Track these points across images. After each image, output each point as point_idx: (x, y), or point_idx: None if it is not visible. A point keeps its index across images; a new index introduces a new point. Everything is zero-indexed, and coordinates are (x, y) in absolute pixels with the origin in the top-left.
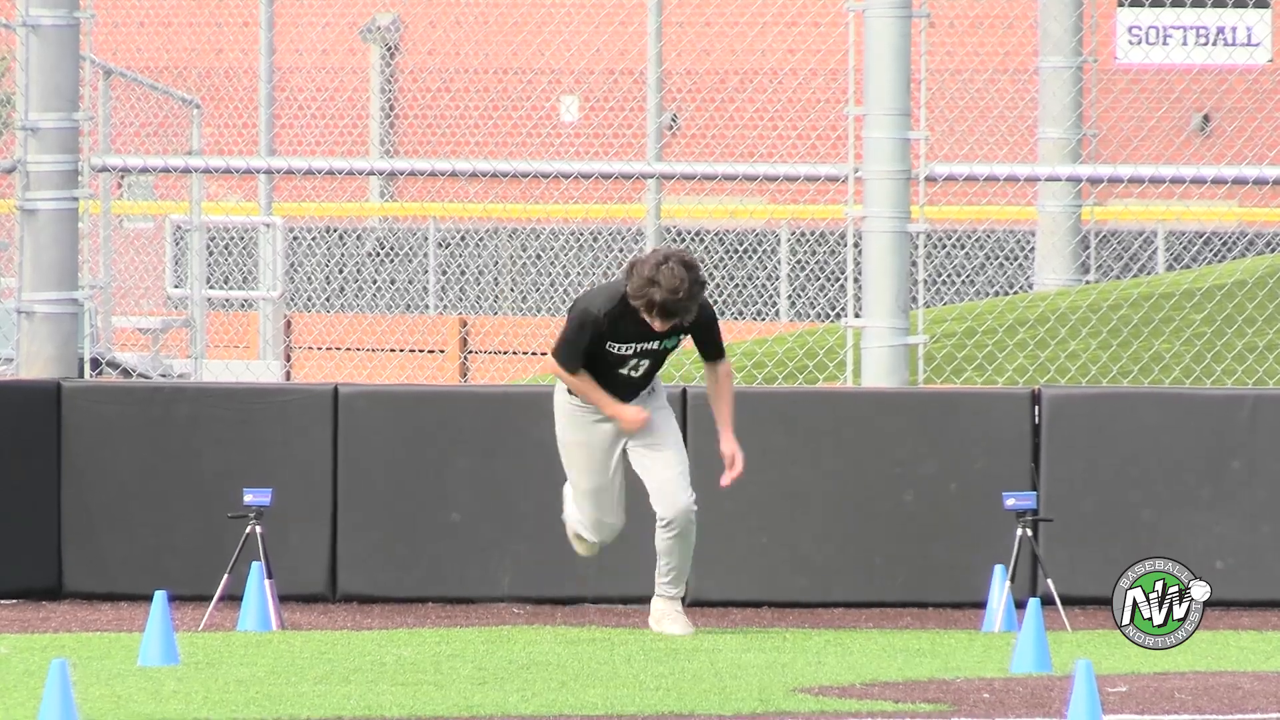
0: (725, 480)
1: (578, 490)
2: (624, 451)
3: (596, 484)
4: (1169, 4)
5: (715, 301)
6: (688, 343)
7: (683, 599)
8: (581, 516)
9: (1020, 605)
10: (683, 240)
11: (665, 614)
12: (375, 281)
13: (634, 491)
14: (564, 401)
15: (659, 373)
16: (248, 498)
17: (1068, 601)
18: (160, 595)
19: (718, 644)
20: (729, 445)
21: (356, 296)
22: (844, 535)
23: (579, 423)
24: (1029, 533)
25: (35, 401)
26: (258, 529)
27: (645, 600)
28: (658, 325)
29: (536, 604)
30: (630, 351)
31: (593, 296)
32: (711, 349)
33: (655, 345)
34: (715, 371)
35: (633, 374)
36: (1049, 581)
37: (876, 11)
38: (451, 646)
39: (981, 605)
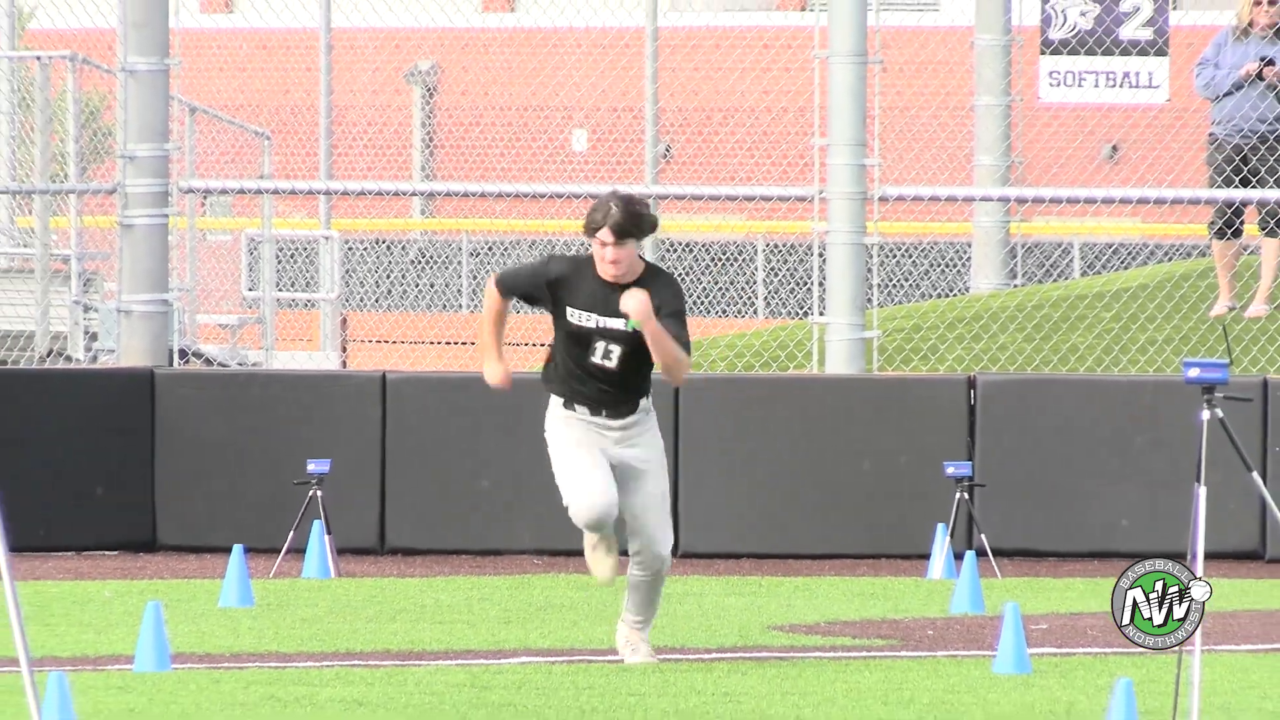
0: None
1: (571, 483)
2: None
3: (589, 459)
4: (1083, 52)
5: (703, 301)
6: None
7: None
8: (576, 508)
9: (958, 556)
10: (675, 250)
11: (633, 643)
12: (417, 285)
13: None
14: (555, 414)
15: (646, 386)
16: (310, 466)
17: (998, 553)
18: (238, 548)
19: (704, 589)
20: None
21: (401, 298)
22: (811, 498)
23: (571, 423)
24: (966, 496)
25: (133, 386)
26: (318, 493)
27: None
28: (609, 245)
29: (553, 555)
30: (591, 324)
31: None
32: (671, 333)
33: (621, 326)
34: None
35: (605, 363)
36: (982, 536)
37: (837, 59)
38: (481, 591)
39: (925, 557)
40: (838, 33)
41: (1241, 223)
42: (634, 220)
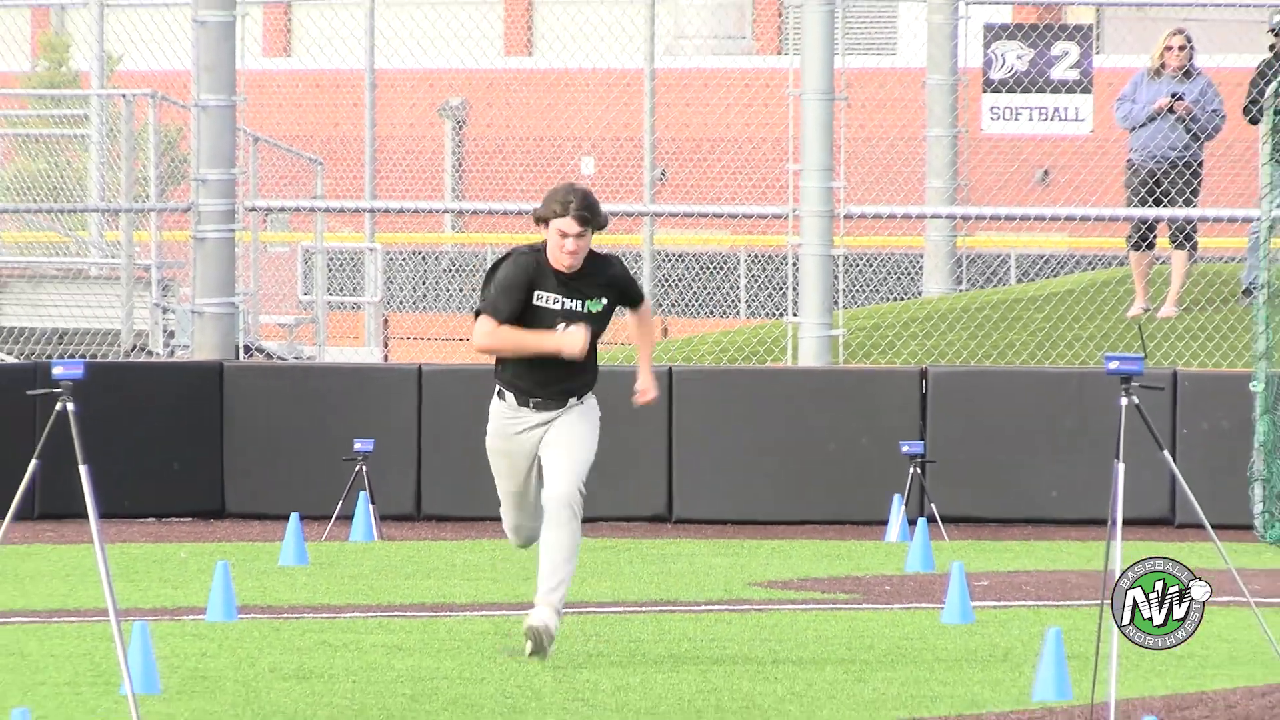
0: (636, 401)
1: (501, 494)
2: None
3: (515, 489)
4: (1019, 91)
5: (693, 304)
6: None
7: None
8: (505, 520)
9: (911, 523)
10: (669, 260)
11: (538, 600)
12: (449, 290)
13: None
14: (494, 414)
15: (591, 367)
16: (357, 445)
17: (946, 520)
18: (294, 516)
19: (695, 550)
20: (644, 380)
21: (435, 301)
22: (787, 473)
23: (503, 433)
24: (918, 471)
25: (205, 376)
26: (364, 468)
27: (641, 519)
28: (570, 236)
29: None
30: (557, 306)
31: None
32: (633, 299)
33: (579, 306)
34: (636, 314)
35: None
36: (932, 505)
37: (808, 96)
38: (503, 553)
39: (883, 523)
40: (809, 73)
41: (1154, 237)
42: (594, 210)
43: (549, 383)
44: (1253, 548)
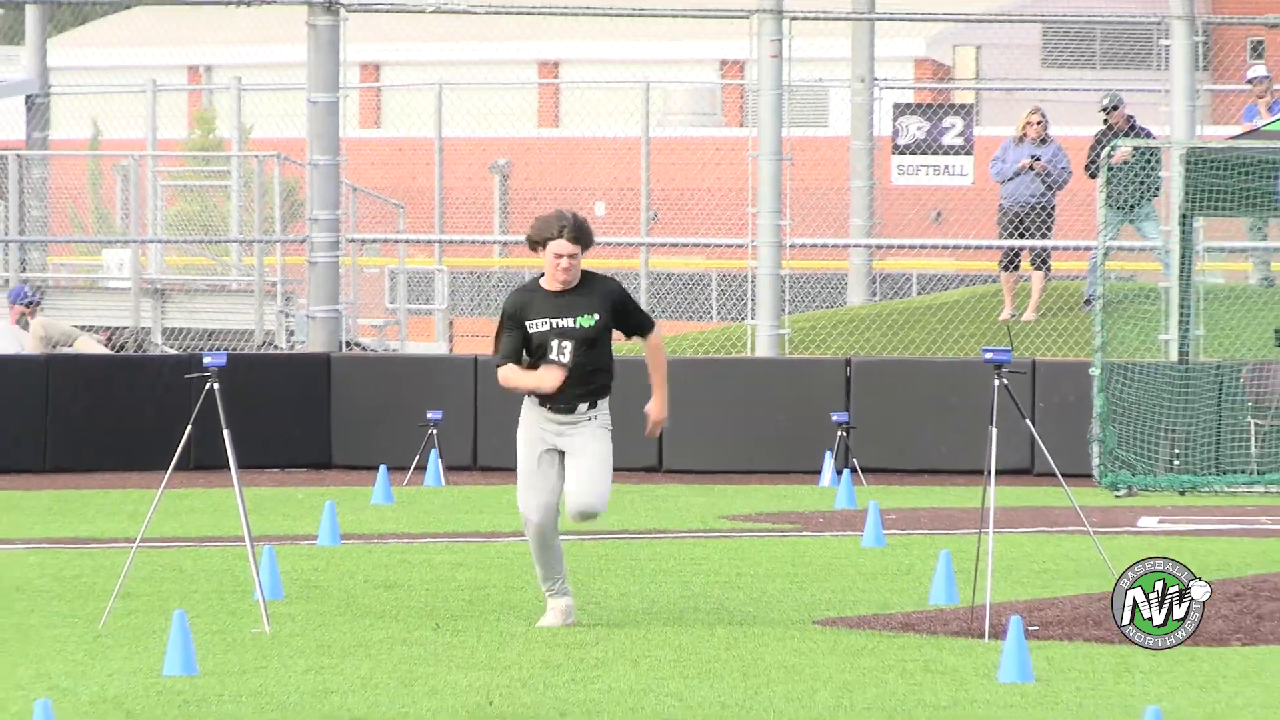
0: (648, 431)
1: (520, 474)
2: (562, 456)
3: (531, 468)
4: (919, 153)
5: (678, 310)
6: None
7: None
8: (520, 500)
9: (839, 472)
10: (661, 279)
11: (551, 606)
12: (497, 300)
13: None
14: (523, 411)
15: (601, 377)
16: (429, 414)
17: (864, 470)
18: (382, 467)
19: (679, 493)
20: (654, 409)
21: (487, 308)
22: (747, 436)
23: (529, 426)
24: (844, 434)
25: (316, 365)
26: (434, 432)
27: (639, 469)
28: (564, 260)
29: None
30: (547, 328)
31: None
32: (638, 326)
33: (571, 323)
34: (648, 345)
35: (561, 358)
36: (854, 460)
37: (763, 157)
38: None
39: (818, 472)
40: (763, 140)
41: (1019, 261)
42: (585, 231)
43: (562, 390)
44: (1091, 491)
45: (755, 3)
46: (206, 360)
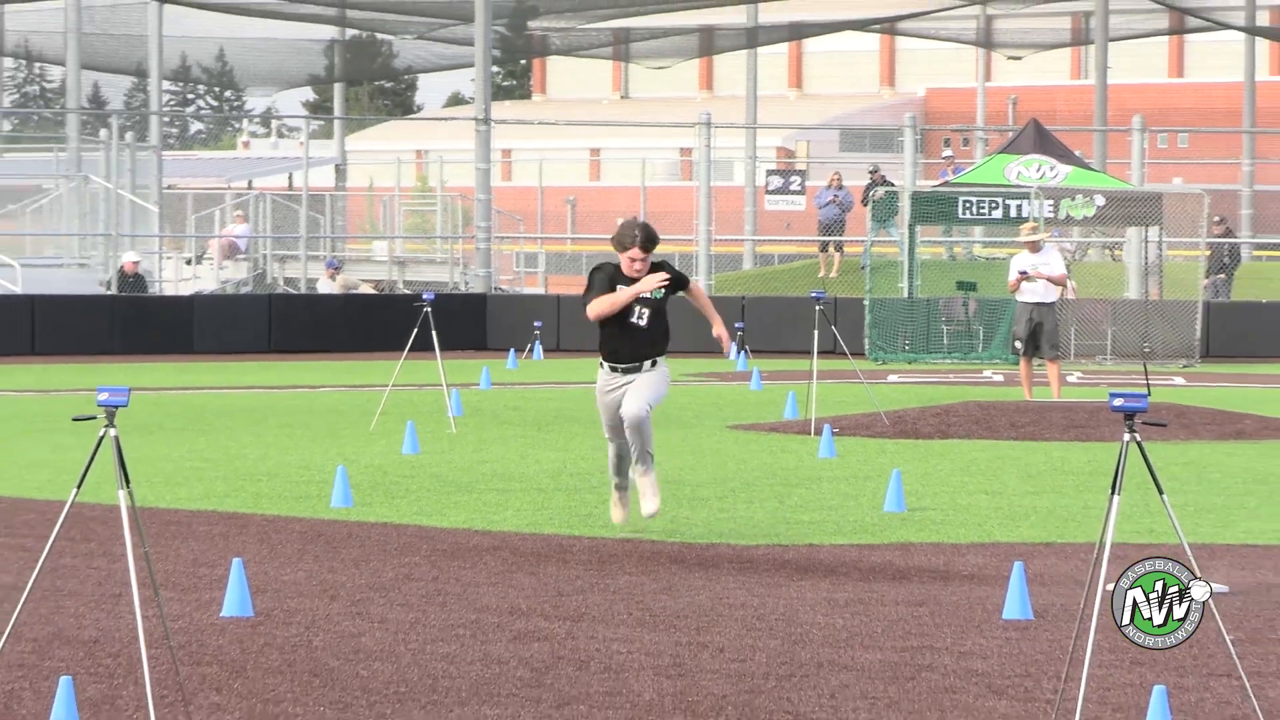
0: (724, 349)
1: (604, 426)
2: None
3: (609, 423)
4: (779, 193)
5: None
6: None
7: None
8: (606, 432)
9: (740, 352)
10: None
11: (643, 490)
12: (572, 267)
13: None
14: (598, 378)
15: (661, 341)
16: (424, 295)
17: (753, 350)
18: (511, 349)
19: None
20: (716, 327)
21: (564, 269)
22: (696, 338)
23: (602, 389)
24: (741, 332)
25: (479, 299)
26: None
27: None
28: (637, 260)
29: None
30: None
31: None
32: (681, 281)
33: (648, 295)
34: (692, 291)
35: (639, 322)
36: (747, 346)
37: (701, 195)
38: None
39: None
40: (702, 186)
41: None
42: (653, 239)
43: (629, 350)
44: (864, 362)
45: (697, 120)
46: (425, 295)
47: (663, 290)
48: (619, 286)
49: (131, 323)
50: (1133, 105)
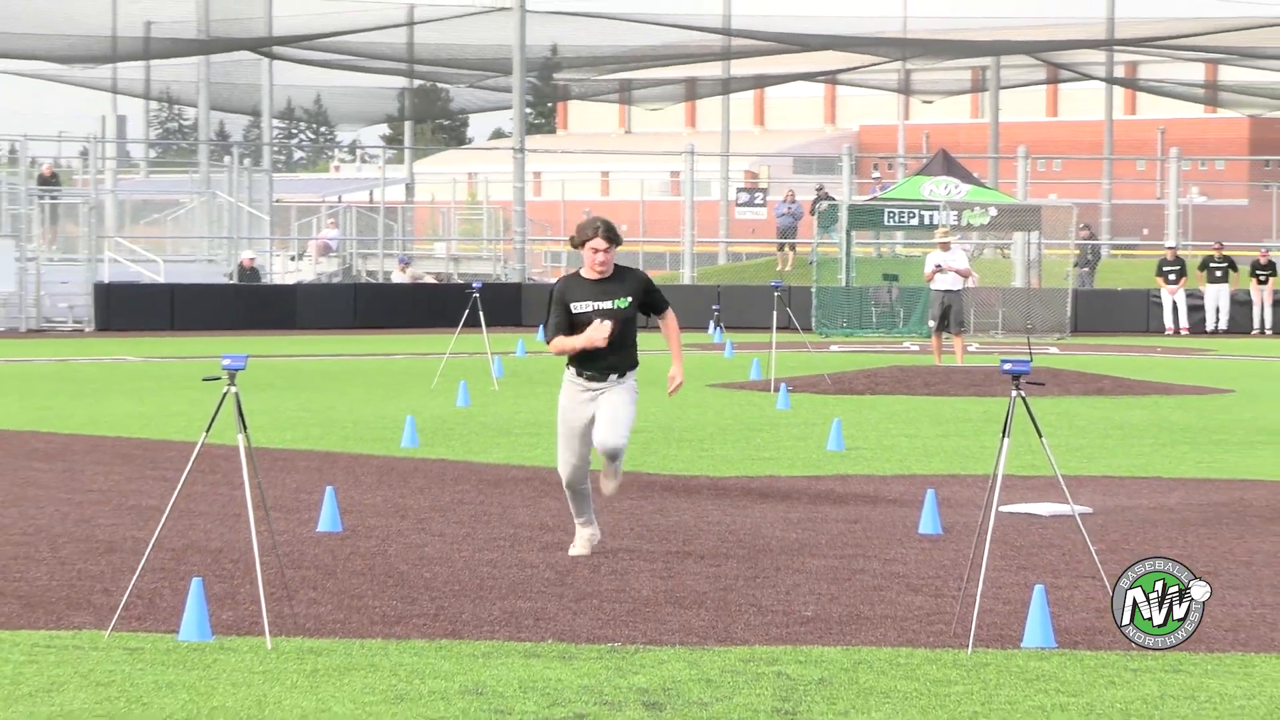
0: (670, 391)
1: (560, 437)
2: (591, 422)
3: (569, 432)
4: (747, 206)
5: (649, 265)
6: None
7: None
8: (559, 457)
9: (717, 328)
10: (646, 256)
11: (606, 474)
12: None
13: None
14: (563, 384)
15: (629, 351)
16: (474, 284)
17: (727, 326)
18: (541, 324)
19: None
20: (674, 372)
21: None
22: (681, 314)
23: (568, 396)
24: (718, 310)
25: (514, 287)
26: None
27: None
28: (600, 251)
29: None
30: (590, 309)
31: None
32: (656, 305)
33: (609, 305)
34: (665, 321)
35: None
36: (722, 323)
37: (687, 208)
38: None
39: (706, 329)
40: (686, 200)
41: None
42: (614, 232)
43: (596, 361)
44: (812, 335)
45: (684, 149)
46: (474, 284)
47: (628, 300)
48: (572, 304)
49: (248, 305)
50: (1018, 138)
